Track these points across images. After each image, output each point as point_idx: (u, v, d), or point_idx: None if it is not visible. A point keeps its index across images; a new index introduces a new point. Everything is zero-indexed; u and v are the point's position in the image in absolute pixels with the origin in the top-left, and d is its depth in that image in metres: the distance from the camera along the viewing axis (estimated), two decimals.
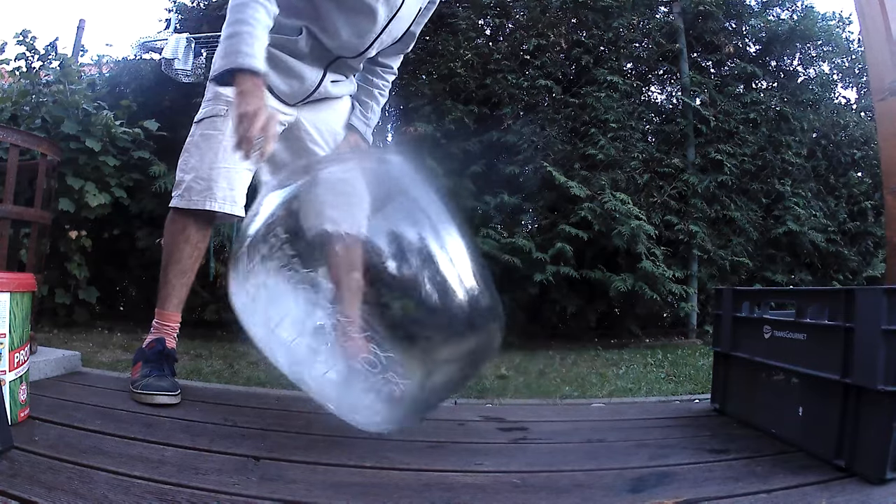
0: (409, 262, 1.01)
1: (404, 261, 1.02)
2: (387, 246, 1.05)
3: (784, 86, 4.12)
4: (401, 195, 1.13)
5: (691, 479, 0.91)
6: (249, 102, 1.19)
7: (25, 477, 0.79)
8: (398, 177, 1.16)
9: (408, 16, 1.45)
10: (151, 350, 1.37)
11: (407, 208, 1.09)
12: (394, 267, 1.03)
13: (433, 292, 0.98)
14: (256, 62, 1.23)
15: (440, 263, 0.99)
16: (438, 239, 1.02)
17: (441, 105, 3.63)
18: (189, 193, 1.39)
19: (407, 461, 0.97)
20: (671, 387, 2.00)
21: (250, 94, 1.21)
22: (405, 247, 1.03)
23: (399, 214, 1.10)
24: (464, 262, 1.01)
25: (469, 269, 1.01)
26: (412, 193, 1.10)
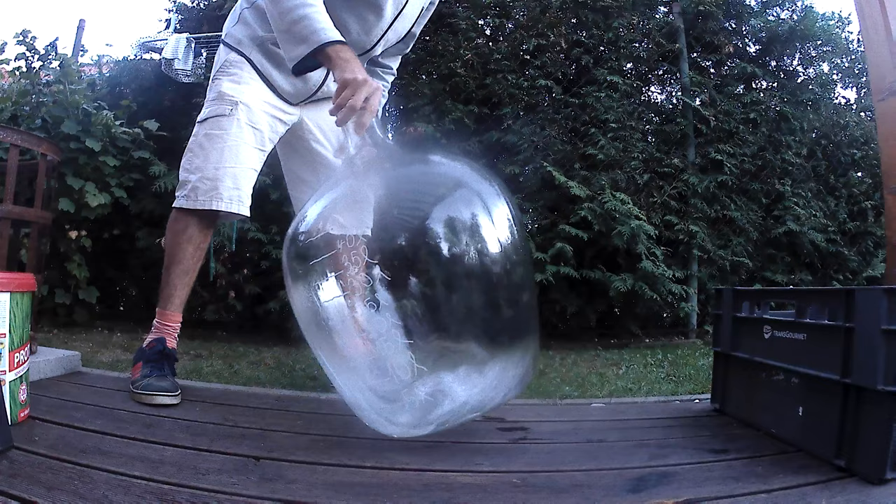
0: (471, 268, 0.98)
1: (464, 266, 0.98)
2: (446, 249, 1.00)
3: (784, 86, 4.12)
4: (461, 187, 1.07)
5: (691, 479, 0.91)
6: (356, 70, 1.16)
7: (25, 477, 0.79)
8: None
9: (411, 14, 1.46)
10: (152, 350, 1.37)
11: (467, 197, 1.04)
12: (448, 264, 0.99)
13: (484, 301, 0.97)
14: (337, 34, 1.21)
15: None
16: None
17: (441, 105, 3.62)
18: (195, 193, 1.39)
19: (407, 461, 0.97)
20: (671, 387, 2.00)
21: (352, 62, 1.18)
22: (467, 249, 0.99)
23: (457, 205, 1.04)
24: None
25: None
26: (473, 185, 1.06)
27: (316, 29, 1.21)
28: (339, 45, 1.20)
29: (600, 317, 3.63)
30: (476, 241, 0.98)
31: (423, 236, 0.98)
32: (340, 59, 1.19)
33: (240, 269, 3.57)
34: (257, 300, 3.45)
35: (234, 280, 3.52)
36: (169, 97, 3.84)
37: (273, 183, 2.83)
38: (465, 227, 0.99)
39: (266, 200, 3.00)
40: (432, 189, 1.05)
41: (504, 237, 1.00)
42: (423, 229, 0.98)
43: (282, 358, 2.42)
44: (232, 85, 1.43)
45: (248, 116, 1.42)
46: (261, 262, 3.39)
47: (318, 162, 1.60)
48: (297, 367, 2.17)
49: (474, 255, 0.98)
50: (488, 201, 1.02)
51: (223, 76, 1.45)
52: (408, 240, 1.03)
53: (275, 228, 3.26)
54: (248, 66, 1.45)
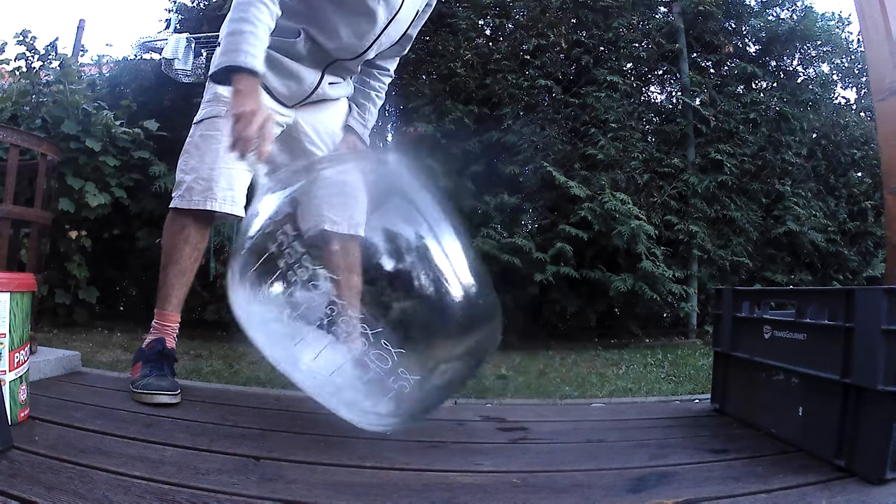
0: (407, 259, 1.02)
1: (402, 258, 1.03)
2: (384, 244, 1.06)
3: (784, 86, 4.12)
4: (398, 195, 1.13)
5: (691, 479, 0.91)
6: (246, 103, 1.18)
7: (25, 477, 0.79)
8: (396, 177, 1.16)
9: (406, 18, 1.46)
10: (151, 350, 1.37)
11: (404, 208, 1.10)
12: (392, 265, 1.03)
13: (430, 288, 0.99)
14: (255, 62, 1.23)
15: (437, 260, 1.00)
16: (434, 237, 1.02)
17: (441, 105, 3.62)
18: (189, 194, 1.39)
19: (407, 461, 0.97)
20: (671, 387, 2.00)
21: (247, 95, 1.20)
22: (403, 244, 1.04)
23: (396, 213, 1.11)
24: (460, 259, 1.02)
25: (465, 266, 1.02)
26: (409, 193, 1.11)
27: (238, 49, 1.23)
28: (246, 74, 1.22)
29: (600, 317, 3.63)
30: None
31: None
32: (237, 90, 1.21)
33: None
34: None
35: None
36: (169, 97, 3.84)
37: None
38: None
39: None
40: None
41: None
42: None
43: None
44: (227, 86, 1.43)
45: None
46: None
47: None
48: None
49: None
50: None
51: None
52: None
53: None
54: None
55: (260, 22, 1.25)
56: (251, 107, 1.18)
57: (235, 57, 1.22)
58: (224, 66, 1.23)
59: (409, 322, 1.03)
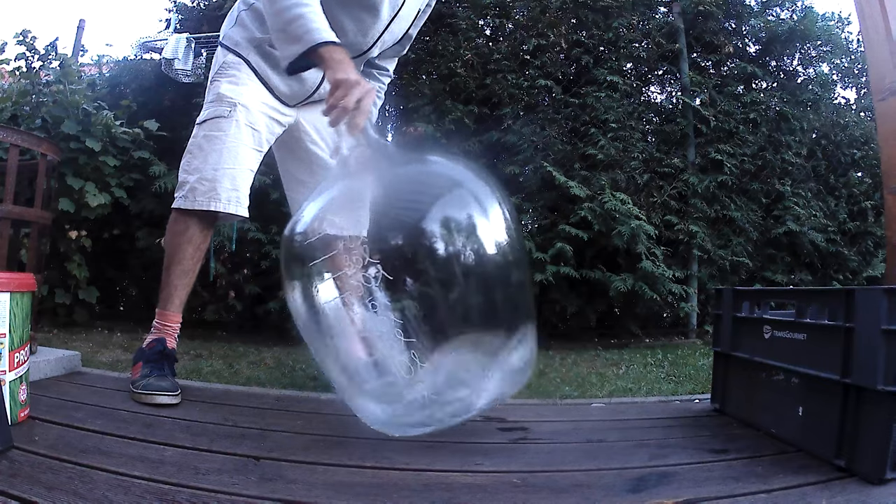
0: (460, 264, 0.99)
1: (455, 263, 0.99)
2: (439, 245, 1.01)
3: (784, 86, 4.12)
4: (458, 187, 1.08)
5: (691, 479, 0.91)
6: (348, 71, 1.16)
7: (25, 477, 0.79)
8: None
9: (408, 16, 1.46)
10: (152, 350, 1.38)
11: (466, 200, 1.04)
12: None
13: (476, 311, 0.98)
14: (334, 36, 1.21)
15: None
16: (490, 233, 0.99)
17: (441, 105, 3.62)
18: (193, 194, 1.39)
19: (407, 461, 0.97)
20: (671, 387, 2.00)
21: (347, 63, 1.18)
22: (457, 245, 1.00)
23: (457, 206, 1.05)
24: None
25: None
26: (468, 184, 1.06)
27: (310, 29, 1.21)
28: (333, 45, 1.20)
29: (600, 317, 3.63)
30: (472, 241, 0.99)
31: (421, 236, 0.99)
32: (333, 59, 1.19)
33: (240, 269, 3.57)
34: (257, 300, 3.45)
35: (234, 280, 3.52)
36: (169, 97, 3.84)
37: (273, 183, 2.83)
38: (461, 226, 1.00)
39: (266, 200, 3.00)
40: (429, 189, 1.05)
41: (500, 237, 1.01)
42: (421, 229, 0.98)
43: (282, 358, 2.42)
44: (230, 86, 1.43)
45: (247, 118, 1.43)
46: (261, 262, 3.39)
47: (314, 163, 1.60)
48: (297, 367, 2.17)
49: (471, 255, 0.99)
50: (484, 201, 1.03)
51: (221, 78, 1.45)
52: (405, 240, 1.03)
53: (274, 228, 3.26)
54: (245, 67, 1.46)
55: (312, 1, 1.24)
56: (355, 75, 1.15)
57: (312, 36, 1.20)
58: (309, 48, 1.20)
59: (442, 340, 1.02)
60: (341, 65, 1.18)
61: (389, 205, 1.11)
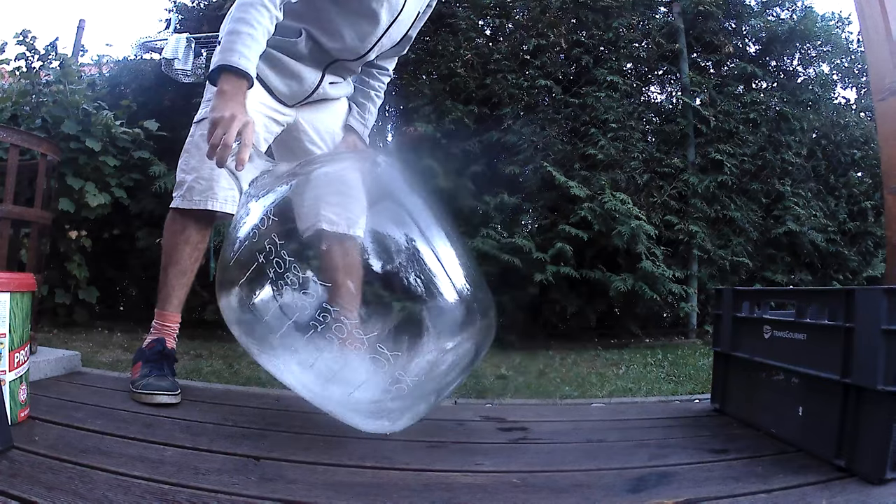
0: (397, 261, 1.02)
1: (393, 259, 1.03)
2: (374, 245, 1.08)
3: (784, 86, 4.12)
4: (389, 198, 1.14)
5: (691, 479, 0.91)
6: (226, 107, 1.13)
7: (25, 477, 0.79)
8: (388, 180, 1.16)
9: (407, 19, 1.46)
10: (151, 350, 1.37)
11: (394, 210, 1.10)
12: (381, 266, 1.04)
13: (421, 289, 0.99)
14: (248, 64, 1.18)
15: (427, 261, 1.01)
16: (424, 238, 1.03)
17: (441, 105, 3.62)
18: (190, 194, 1.39)
19: (407, 461, 0.97)
20: (671, 387, 2.00)
21: (230, 98, 1.15)
22: (392, 246, 1.04)
23: (386, 215, 1.11)
24: (451, 260, 1.03)
25: (456, 266, 1.03)
26: (399, 196, 1.12)
27: (233, 49, 1.18)
28: (234, 76, 1.17)
29: (600, 317, 3.63)
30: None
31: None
32: (222, 90, 1.15)
33: None
34: None
35: None
36: (169, 97, 3.84)
37: None
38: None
39: None
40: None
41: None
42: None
43: None
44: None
45: None
46: None
47: None
48: None
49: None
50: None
51: None
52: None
53: None
54: None
55: (259, 24, 1.22)
56: (231, 111, 1.12)
57: (228, 56, 1.18)
58: (216, 66, 1.19)
59: (403, 324, 1.03)
60: (223, 98, 1.14)
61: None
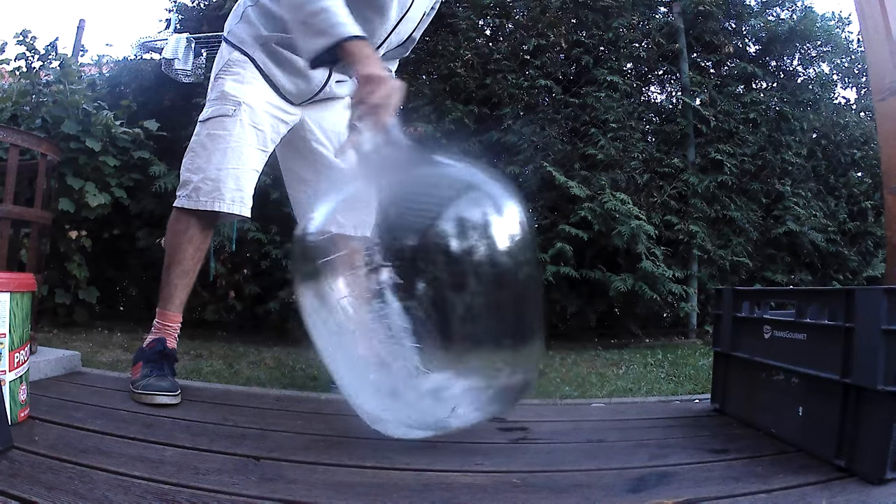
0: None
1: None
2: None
3: (784, 86, 4.12)
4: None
5: (691, 479, 0.91)
6: (376, 65, 1.14)
7: (25, 477, 0.79)
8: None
9: (415, 18, 1.46)
10: (152, 350, 1.37)
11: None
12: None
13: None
14: (361, 31, 1.19)
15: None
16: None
17: (441, 105, 3.62)
18: (197, 194, 1.38)
19: (407, 461, 0.97)
20: (671, 387, 2.00)
21: (375, 59, 1.16)
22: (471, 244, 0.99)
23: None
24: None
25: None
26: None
27: (336, 23, 1.18)
28: (360, 40, 1.18)
29: (600, 317, 3.63)
30: (488, 244, 0.99)
31: (435, 239, 0.98)
32: (362, 54, 1.17)
33: (240, 269, 3.57)
34: (257, 300, 3.45)
35: (234, 280, 3.51)
36: (169, 97, 3.84)
37: (273, 183, 2.82)
38: (475, 228, 1.00)
39: (266, 200, 3.00)
40: (443, 192, 1.05)
41: (515, 240, 1.01)
42: (435, 232, 0.98)
43: (282, 358, 2.42)
44: (235, 85, 1.43)
45: (251, 117, 1.42)
46: (261, 262, 3.39)
47: (319, 162, 1.60)
48: (297, 367, 2.17)
49: (485, 259, 0.98)
50: (499, 203, 1.02)
51: (226, 75, 1.44)
52: (420, 242, 1.02)
53: (275, 228, 3.26)
54: (251, 65, 1.45)
55: None
56: (382, 71, 1.13)
57: (339, 30, 1.17)
58: (335, 42, 1.17)
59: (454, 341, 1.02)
60: (370, 60, 1.16)
61: (404, 207, 1.10)
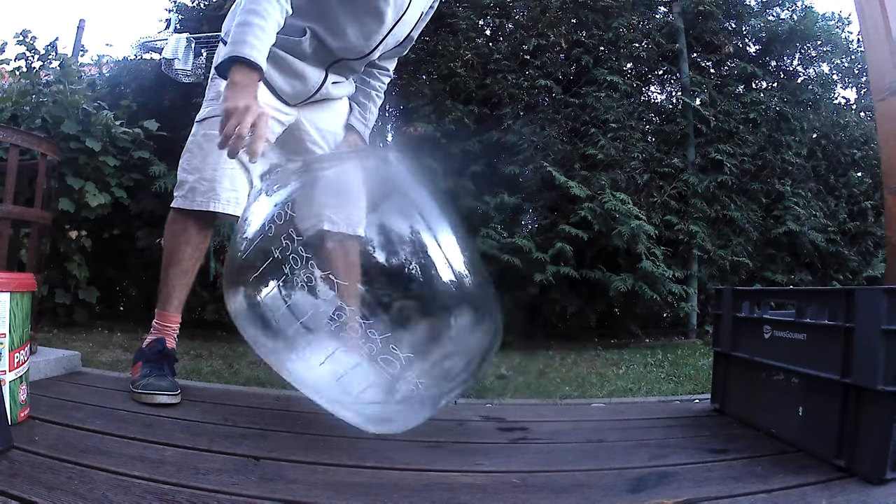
0: (405, 257, 1.02)
1: (401, 255, 1.03)
2: (384, 242, 1.06)
3: (784, 86, 4.12)
4: (397, 193, 1.13)
5: (691, 479, 0.91)
6: (240, 97, 1.13)
7: (25, 477, 0.79)
8: (395, 176, 1.16)
9: (412, 19, 1.46)
10: (151, 350, 1.37)
11: (402, 205, 1.10)
12: (392, 263, 1.03)
13: (430, 285, 0.99)
14: (259, 56, 1.18)
15: (434, 255, 1.01)
16: (431, 232, 1.03)
17: (441, 105, 3.62)
18: (192, 194, 1.38)
19: (407, 461, 0.97)
20: (671, 387, 2.00)
21: (243, 89, 1.15)
22: (400, 240, 1.04)
23: (394, 210, 1.11)
24: (456, 255, 1.03)
25: (461, 261, 1.03)
26: (408, 192, 1.11)
27: (244, 41, 1.18)
28: (246, 67, 1.17)
29: (600, 317, 3.63)
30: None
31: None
32: (233, 82, 1.15)
33: None
34: None
35: None
36: (169, 97, 3.84)
37: None
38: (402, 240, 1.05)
39: None
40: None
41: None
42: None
43: None
44: None
45: None
46: None
47: None
48: None
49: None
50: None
51: None
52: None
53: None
54: None
55: (269, 16, 1.21)
56: (245, 102, 1.12)
57: (239, 48, 1.18)
58: (227, 57, 1.18)
59: (413, 323, 1.03)
60: (236, 90, 1.14)
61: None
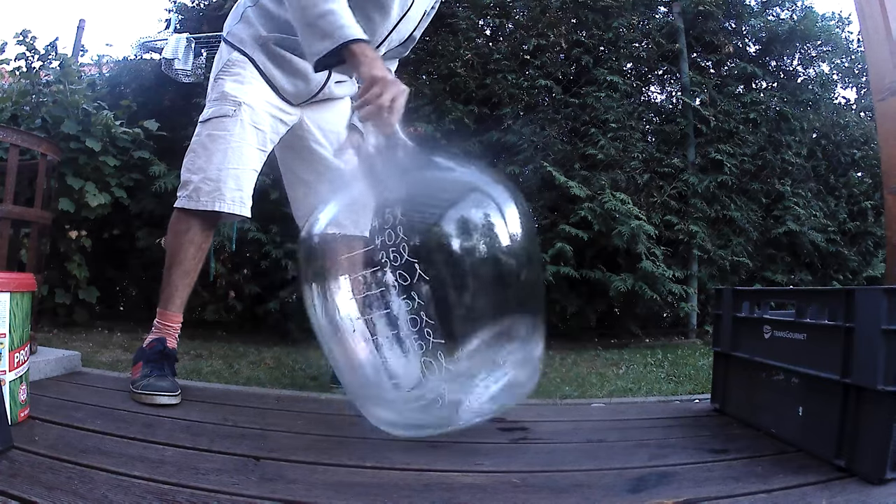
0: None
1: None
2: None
3: (784, 86, 4.12)
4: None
5: (691, 479, 0.91)
6: (381, 68, 1.15)
7: (25, 477, 0.79)
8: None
9: (415, 16, 1.46)
10: (152, 350, 1.38)
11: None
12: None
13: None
14: (364, 34, 1.20)
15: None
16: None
17: (441, 105, 3.62)
18: (197, 194, 1.39)
19: (407, 461, 0.97)
20: (671, 387, 2.00)
21: (380, 61, 1.18)
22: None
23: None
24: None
25: None
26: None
27: (341, 25, 1.19)
28: (364, 43, 1.20)
29: (600, 317, 3.63)
30: (490, 242, 1.02)
31: (438, 239, 1.01)
32: (367, 56, 1.18)
33: (240, 269, 3.57)
34: (257, 300, 3.45)
35: (234, 280, 3.52)
36: (169, 97, 3.84)
37: (273, 183, 2.82)
38: (478, 229, 1.04)
39: (266, 200, 3.00)
40: (446, 193, 1.09)
41: (515, 239, 1.04)
42: (438, 233, 1.03)
43: (282, 358, 2.42)
44: (235, 85, 1.43)
45: (252, 117, 1.42)
46: (261, 262, 3.39)
47: (317, 162, 1.60)
48: (297, 367, 2.17)
49: (488, 258, 1.02)
50: (500, 203, 1.04)
51: (226, 76, 1.45)
52: (423, 243, 1.05)
53: (274, 228, 3.26)
54: (250, 65, 1.45)
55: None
56: (384, 73, 1.14)
57: (343, 33, 1.19)
58: (338, 45, 1.18)
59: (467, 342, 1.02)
60: (375, 62, 1.17)
61: (409, 208, 1.11)
